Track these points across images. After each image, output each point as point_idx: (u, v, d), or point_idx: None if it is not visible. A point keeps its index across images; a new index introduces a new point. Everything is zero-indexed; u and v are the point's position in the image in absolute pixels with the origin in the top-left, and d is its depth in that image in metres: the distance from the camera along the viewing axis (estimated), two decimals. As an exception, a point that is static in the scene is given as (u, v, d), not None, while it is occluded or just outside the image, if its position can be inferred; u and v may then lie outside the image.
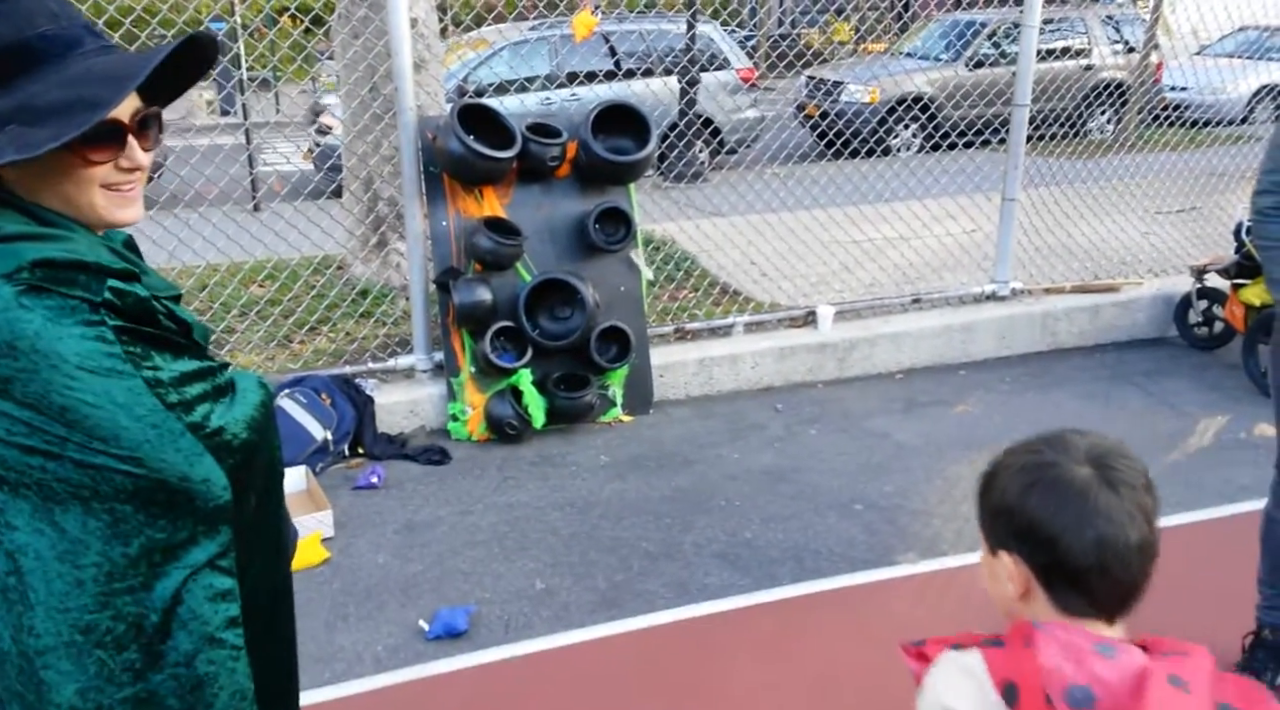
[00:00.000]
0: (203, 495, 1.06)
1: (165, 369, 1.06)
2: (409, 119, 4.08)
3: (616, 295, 4.32)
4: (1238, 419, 4.23)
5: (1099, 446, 1.08)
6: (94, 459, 0.99)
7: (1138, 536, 1.04)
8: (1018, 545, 1.09)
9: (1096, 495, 1.04)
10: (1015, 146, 4.98)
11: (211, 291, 4.77)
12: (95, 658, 1.02)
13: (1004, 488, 1.10)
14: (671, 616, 2.90)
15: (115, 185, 1.09)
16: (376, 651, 2.75)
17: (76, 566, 1.00)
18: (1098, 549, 1.03)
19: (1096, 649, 1.00)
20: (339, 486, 3.70)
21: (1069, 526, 1.04)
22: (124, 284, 1.04)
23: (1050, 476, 1.07)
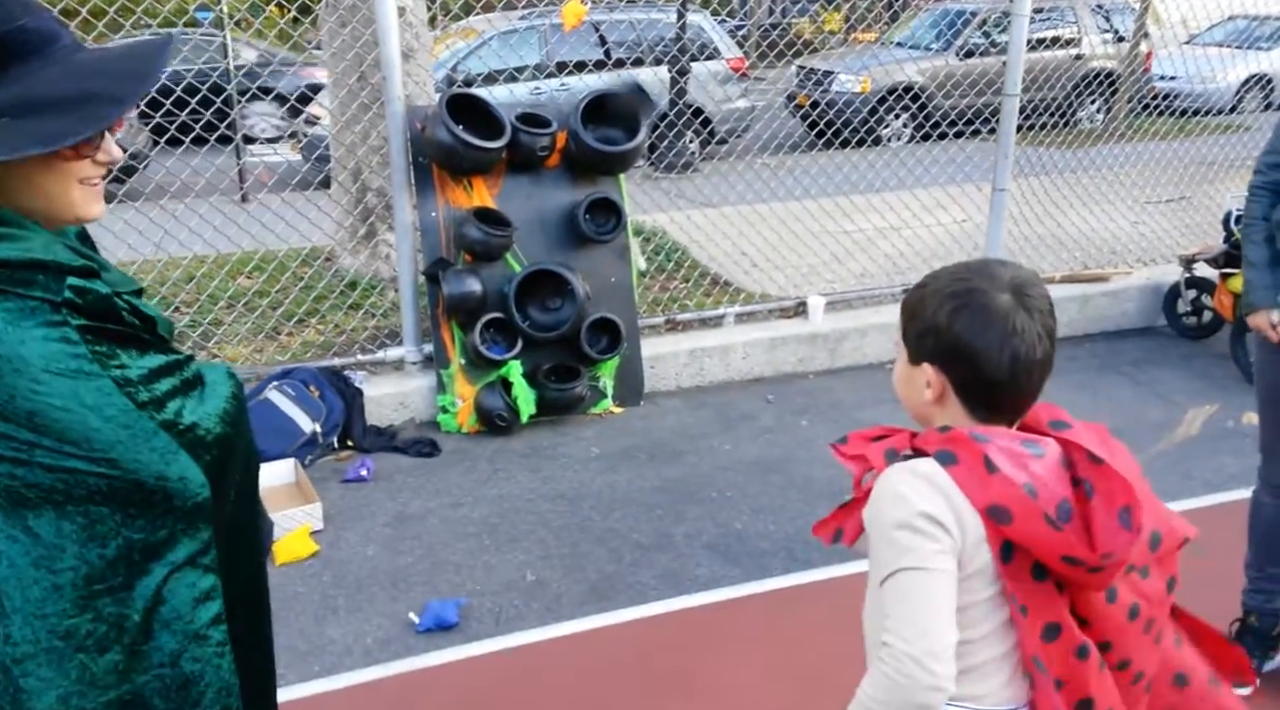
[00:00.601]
0: (180, 493, 1.04)
1: (133, 367, 1.04)
2: (397, 109, 4.05)
3: (607, 286, 4.30)
4: (1226, 408, 4.25)
5: (1018, 276, 1.22)
6: (65, 463, 0.98)
7: (1042, 353, 1.20)
8: (941, 360, 1.22)
9: (1014, 318, 1.18)
10: (1005, 136, 4.98)
11: (199, 283, 4.73)
12: (76, 662, 1.00)
13: (933, 309, 1.23)
14: (662, 608, 2.90)
15: (89, 179, 1.09)
16: (366, 644, 2.74)
17: (53, 571, 0.99)
18: (1012, 364, 1.19)
19: (1028, 450, 1.18)
20: (328, 479, 3.68)
21: (990, 345, 1.19)
22: (84, 281, 1.03)
23: (977, 302, 1.20)
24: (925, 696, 1.11)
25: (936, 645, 1.12)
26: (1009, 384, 1.20)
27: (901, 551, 1.16)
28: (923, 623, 1.13)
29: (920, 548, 1.15)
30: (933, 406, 1.25)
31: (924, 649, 1.11)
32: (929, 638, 1.12)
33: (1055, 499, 1.15)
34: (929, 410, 1.26)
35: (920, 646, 1.12)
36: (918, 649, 1.12)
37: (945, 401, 1.24)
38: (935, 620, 1.13)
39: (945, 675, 1.12)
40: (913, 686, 1.11)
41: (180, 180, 4.55)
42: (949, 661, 1.12)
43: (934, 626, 1.13)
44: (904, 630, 1.13)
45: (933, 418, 1.26)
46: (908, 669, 1.12)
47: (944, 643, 1.13)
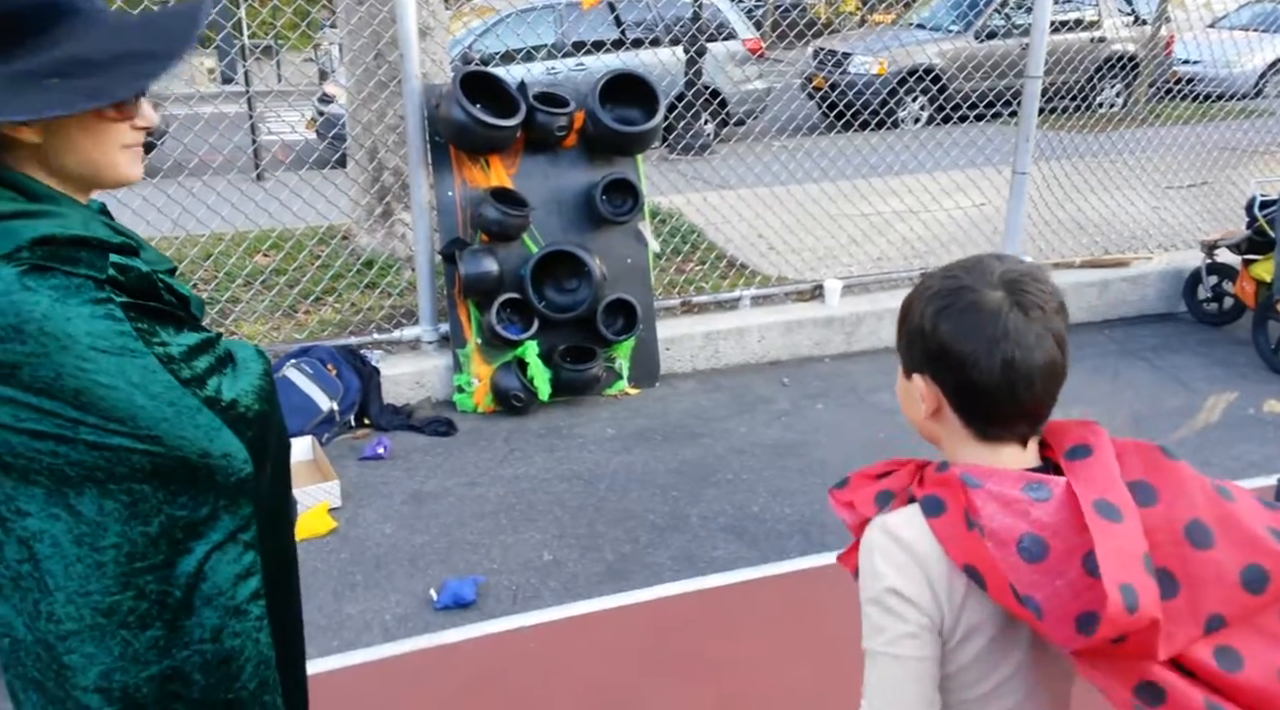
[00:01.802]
0: (224, 470, 1.05)
1: (173, 344, 1.04)
2: (414, 87, 4.03)
3: (623, 267, 4.29)
4: (1246, 395, 4.21)
5: (1013, 270, 1.07)
6: (110, 440, 0.98)
7: (1044, 358, 1.04)
8: (930, 367, 1.08)
9: (1006, 318, 1.03)
10: (1027, 119, 4.93)
11: (216, 261, 4.74)
12: (119, 638, 1.01)
13: (920, 312, 1.09)
14: (679, 588, 2.90)
15: (130, 145, 1.10)
16: (385, 621, 2.76)
17: (95, 549, 0.99)
18: (1005, 370, 1.03)
19: (1029, 494, 1.00)
20: (345, 457, 3.70)
21: (978, 349, 1.03)
22: (125, 258, 1.03)
23: (964, 301, 1.05)
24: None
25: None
26: (1005, 394, 1.04)
27: (872, 629, 1.08)
28: (888, 705, 1.06)
29: (889, 629, 1.05)
30: (931, 423, 1.12)
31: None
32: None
33: (1081, 552, 0.95)
34: (929, 428, 1.13)
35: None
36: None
37: (942, 417, 1.10)
38: (900, 704, 1.05)
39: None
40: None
41: (198, 157, 4.55)
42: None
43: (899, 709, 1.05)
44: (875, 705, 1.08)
45: (935, 436, 1.14)
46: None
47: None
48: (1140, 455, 1.05)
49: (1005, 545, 0.97)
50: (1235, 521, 1.00)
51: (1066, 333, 1.07)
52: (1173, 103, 8.96)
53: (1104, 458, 1.03)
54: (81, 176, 1.07)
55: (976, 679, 1.09)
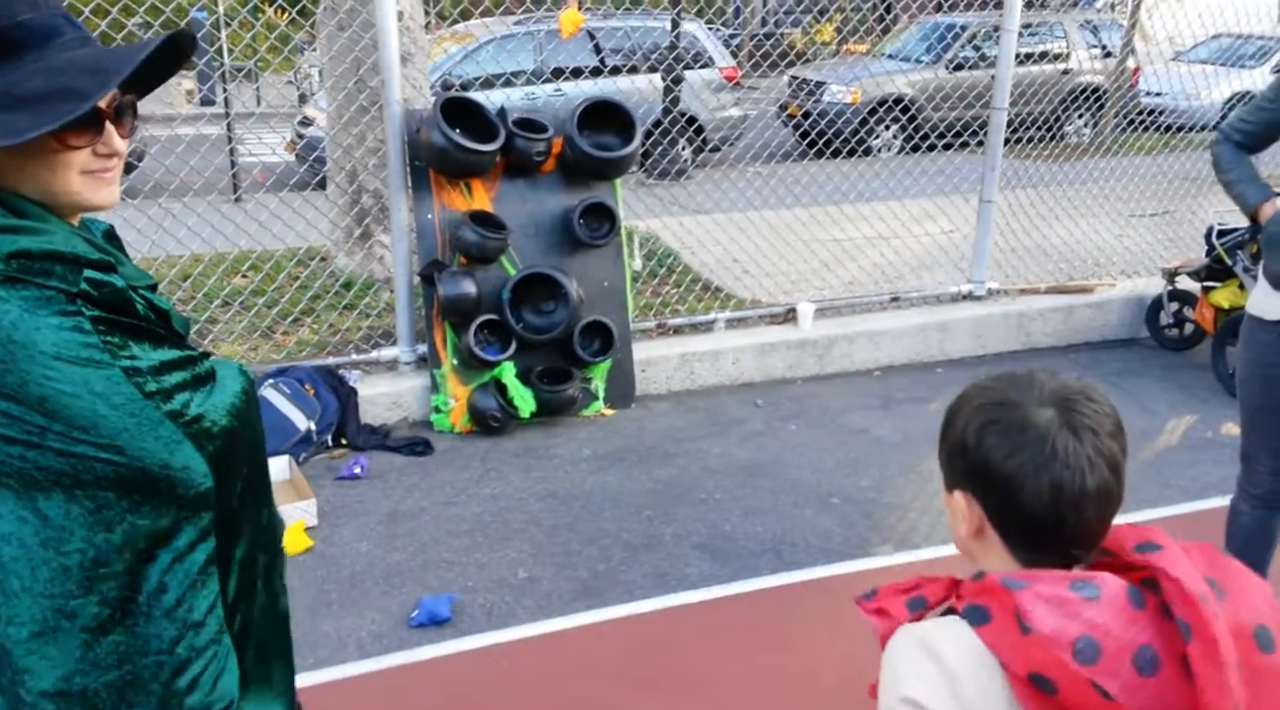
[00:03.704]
0: (184, 482, 1.07)
1: (144, 358, 1.07)
2: (395, 112, 4.10)
3: (600, 290, 4.36)
4: (1205, 418, 4.33)
5: (1066, 388, 1.01)
6: (75, 448, 1.01)
7: (1096, 483, 0.97)
8: (972, 486, 1.03)
9: (1055, 439, 0.97)
10: (993, 148, 5.07)
11: (195, 281, 4.76)
12: (80, 641, 1.03)
13: (963, 426, 1.04)
14: (652, 606, 2.95)
15: (93, 171, 1.10)
16: (360, 637, 2.78)
17: (61, 553, 1.01)
18: (1053, 495, 0.97)
19: (1077, 593, 0.93)
20: (322, 476, 3.72)
21: (1024, 470, 0.98)
22: (101, 274, 1.06)
23: (1010, 418, 1.00)
24: None
25: None
26: (1051, 520, 0.98)
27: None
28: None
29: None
30: (973, 543, 1.05)
31: None
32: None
33: (1130, 649, 0.90)
34: (971, 547, 1.06)
35: None
36: None
37: (985, 537, 1.04)
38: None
39: None
40: None
41: (179, 178, 4.58)
42: None
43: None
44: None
45: (976, 556, 1.07)
46: None
47: None
48: (1202, 553, 0.99)
49: (1061, 649, 0.90)
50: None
51: (1123, 456, 1.00)
52: (1137, 134, 9.20)
53: (1175, 550, 0.97)
54: (37, 199, 1.08)
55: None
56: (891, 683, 0.99)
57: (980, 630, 0.95)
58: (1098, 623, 0.91)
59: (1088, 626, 0.90)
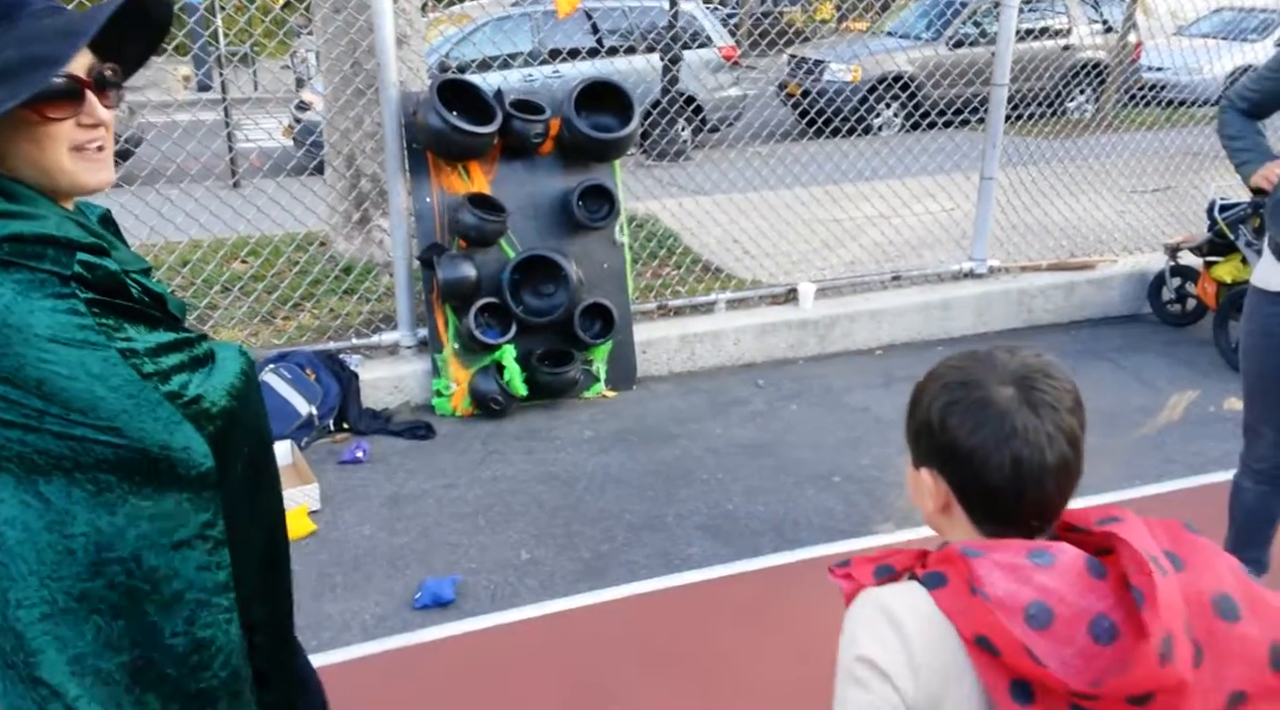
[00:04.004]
0: (184, 463, 1.07)
1: (140, 340, 1.06)
2: (392, 95, 4.08)
3: (600, 272, 4.35)
4: (1208, 393, 4.32)
5: (1026, 366, 1.04)
6: (74, 431, 1.01)
7: (1055, 458, 1.01)
8: (938, 463, 1.06)
9: (1015, 416, 1.01)
10: (994, 126, 5.03)
11: (194, 267, 4.75)
12: (91, 624, 1.03)
13: (928, 405, 1.07)
14: (655, 586, 2.95)
15: (81, 146, 1.08)
16: (364, 620, 2.79)
17: (65, 536, 1.02)
18: (1013, 469, 1.01)
19: (1032, 561, 0.97)
20: (324, 461, 3.72)
21: (986, 447, 1.01)
22: (94, 257, 1.05)
23: (973, 397, 1.03)
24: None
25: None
26: (1012, 493, 1.02)
27: (839, 700, 1.04)
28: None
29: (853, 700, 1.01)
30: (939, 518, 1.10)
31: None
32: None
33: (1086, 616, 0.93)
34: (938, 522, 1.11)
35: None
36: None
37: (951, 512, 1.08)
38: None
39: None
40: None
41: (175, 164, 4.56)
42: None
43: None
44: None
45: (943, 530, 1.11)
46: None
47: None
48: (1164, 528, 1.02)
49: (1013, 613, 0.94)
50: (1262, 600, 0.97)
51: (1081, 431, 1.05)
52: (1139, 109, 9.13)
53: (1136, 524, 1.01)
54: (33, 180, 1.06)
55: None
56: (850, 643, 1.03)
57: (935, 594, 1.00)
58: (1051, 588, 0.94)
59: (1040, 592, 0.94)
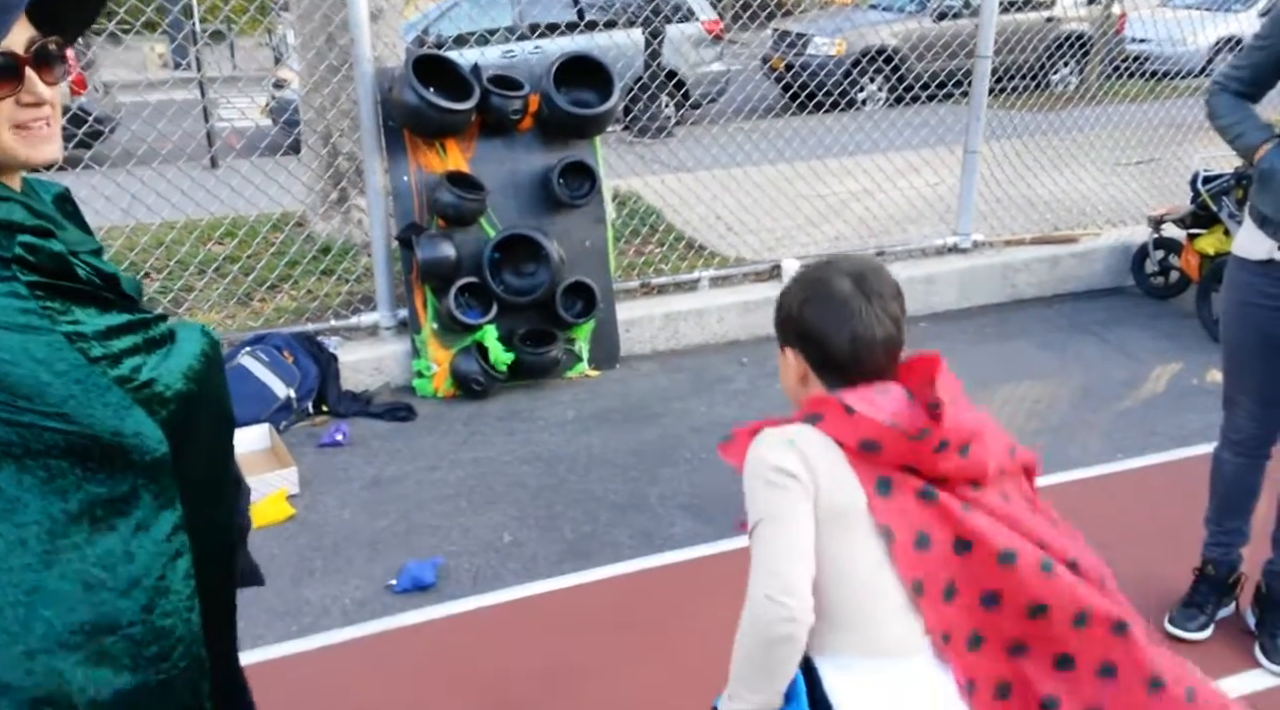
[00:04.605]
0: (137, 449, 1.04)
1: (88, 323, 1.03)
2: (366, 71, 4.00)
3: (582, 250, 4.30)
4: (1190, 365, 4.33)
5: (859, 266, 1.36)
6: (21, 417, 0.97)
7: (883, 334, 1.32)
8: (798, 344, 1.38)
9: (853, 303, 1.32)
10: (977, 98, 4.99)
11: (168, 249, 4.68)
12: (43, 618, 1.00)
13: (789, 300, 1.39)
14: (638, 566, 2.94)
15: (24, 123, 1.04)
16: (344, 605, 2.77)
17: (17, 525, 0.98)
18: (852, 344, 1.32)
19: (877, 396, 1.30)
20: (303, 444, 3.68)
21: (831, 328, 1.32)
22: (37, 240, 1.01)
23: (820, 291, 1.34)
24: (782, 629, 1.21)
25: (787, 582, 1.22)
26: (853, 361, 1.32)
27: (758, 506, 1.28)
28: (773, 564, 1.23)
29: (772, 499, 1.26)
30: (799, 386, 1.40)
31: (776, 587, 1.22)
32: (780, 576, 1.22)
33: (916, 424, 1.27)
34: (798, 390, 1.41)
35: (773, 585, 1.22)
36: (771, 588, 1.22)
37: (808, 382, 1.38)
38: (785, 560, 1.23)
39: (798, 607, 1.21)
40: (769, 622, 1.21)
41: (147, 143, 4.48)
42: (801, 596, 1.22)
43: (783, 566, 1.23)
44: (759, 575, 1.24)
45: (801, 397, 1.41)
46: (762, 608, 1.22)
47: (794, 580, 1.22)
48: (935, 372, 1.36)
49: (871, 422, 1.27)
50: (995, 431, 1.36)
51: (902, 313, 1.36)
52: (1123, 81, 9.10)
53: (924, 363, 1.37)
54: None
55: (846, 564, 1.28)
56: (757, 463, 1.29)
57: (818, 426, 1.30)
58: (893, 409, 1.29)
59: (887, 413, 1.28)
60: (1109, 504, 3.21)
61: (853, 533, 1.28)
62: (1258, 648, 2.50)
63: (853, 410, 1.28)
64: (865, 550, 1.28)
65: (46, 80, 1.06)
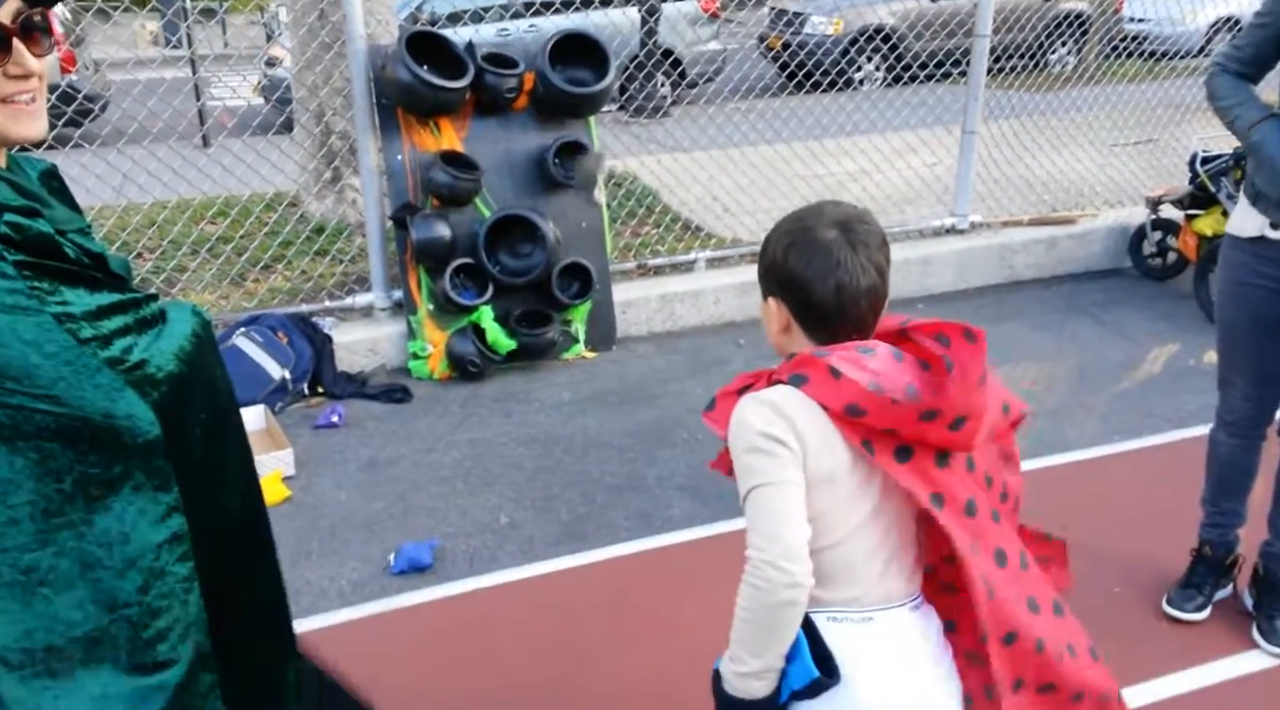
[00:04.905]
0: (129, 431, 1.03)
1: (77, 303, 1.02)
2: (359, 48, 3.96)
3: (578, 231, 4.27)
4: (1188, 347, 4.33)
5: (846, 213, 1.33)
6: (10, 399, 0.96)
7: (868, 283, 1.30)
8: (780, 292, 1.34)
9: (838, 251, 1.29)
10: (975, 78, 4.96)
11: (160, 228, 4.64)
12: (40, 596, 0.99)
13: (772, 248, 1.35)
14: (635, 547, 2.93)
15: (10, 97, 1.02)
16: (341, 586, 2.76)
17: (9, 506, 0.97)
18: (837, 293, 1.29)
19: (862, 355, 1.28)
20: (298, 425, 3.66)
21: (815, 276, 1.29)
22: (23, 219, 0.99)
23: (805, 238, 1.31)
24: (786, 594, 1.22)
25: (789, 547, 1.22)
26: (837, 310, 1.30)
27: (749, 472, 1.27)
28: (773, 529, 1.23)
29: (763, 466, 1.26)
30: (782, 336, 1.37)
31: (777, 552, 1.22)
32: (780, 542, 1.23)
33: (901, 385, 1.26)
34: (781, 341, 1.38)
35: (773, 551, 1.22)
36: (771, 554, 1.22)
37: (791, 331, 1.35)
38: (784, 526, 1.23)
39: (800, 572, 1.22)
40: (772, 587, 1.22)
41: (138, 122, 4.43)
42: (802, 560, 1.23)
43: (783, 531, 1.23)
44: (758, 541, 1.24)
45: (785, 348, 1.38)
46: (765, 573, 1.22)
47: (794, 544, 1.23)
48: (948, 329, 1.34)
49: (861, 387, 1.25)
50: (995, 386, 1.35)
51: (887, 264, 1.33)
52: (1121, 61, 9.06)
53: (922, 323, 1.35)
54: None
55: (837, 522, 1.29)
56: (743, 429, 1.28)
57: (803, 388, 1.28)
58: (879, 371, 1.26)
59: (873, 374, 1.25)
60: (1105, 485, 3.22)
61: (839, 493, 1.29)
62: (1255, 629, 2.50)
63: (839, 374, 1.25)
64: (851, 509, 1.30)
65: (34, 52, 1.03)
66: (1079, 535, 2.28)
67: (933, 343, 1.29)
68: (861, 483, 1.30)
